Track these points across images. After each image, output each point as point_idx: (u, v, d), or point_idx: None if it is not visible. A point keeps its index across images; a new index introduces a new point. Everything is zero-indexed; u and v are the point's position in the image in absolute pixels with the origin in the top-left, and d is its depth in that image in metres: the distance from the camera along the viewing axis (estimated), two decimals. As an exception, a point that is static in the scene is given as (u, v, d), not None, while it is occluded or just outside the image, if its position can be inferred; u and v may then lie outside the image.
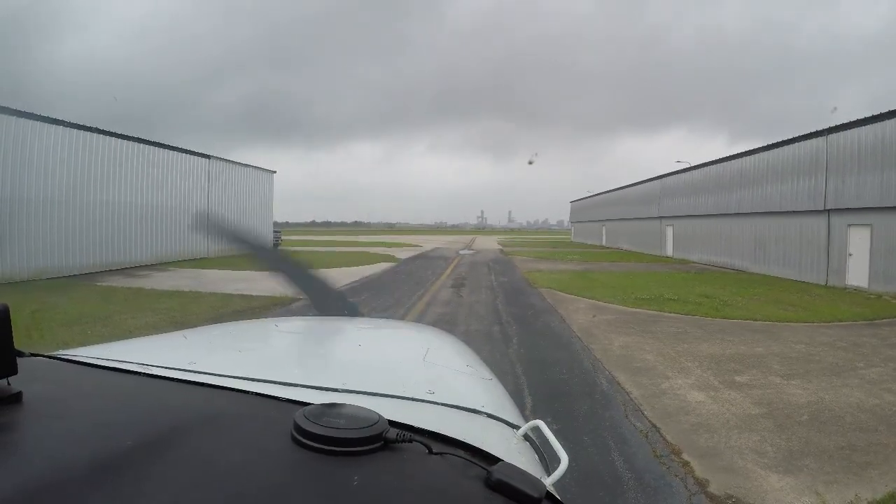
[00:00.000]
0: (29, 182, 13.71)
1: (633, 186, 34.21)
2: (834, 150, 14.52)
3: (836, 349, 6.89)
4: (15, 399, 0.66)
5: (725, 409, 4.65)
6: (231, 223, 2.08)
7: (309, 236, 43.61)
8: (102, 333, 7.10)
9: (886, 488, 3.24)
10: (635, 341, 7.33)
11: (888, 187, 12.63)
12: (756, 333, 7.89)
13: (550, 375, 5.72)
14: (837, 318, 9.22)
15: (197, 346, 1.33)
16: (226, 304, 10.02)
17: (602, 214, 42.77)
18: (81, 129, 15.67)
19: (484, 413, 0.93)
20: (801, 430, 4.17)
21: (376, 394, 0.89)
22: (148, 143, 19.02)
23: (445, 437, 0.71)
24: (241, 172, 25.83)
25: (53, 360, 0.94)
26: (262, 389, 0.82)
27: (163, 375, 0.87)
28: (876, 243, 13.05)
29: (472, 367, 1.33)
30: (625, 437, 4.05)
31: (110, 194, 16.83)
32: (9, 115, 13.15)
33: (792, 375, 5.66)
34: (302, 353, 1.33)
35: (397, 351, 1.49)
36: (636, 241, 32.65)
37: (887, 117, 12.78)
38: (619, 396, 5.01)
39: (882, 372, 5.82)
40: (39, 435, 0.61)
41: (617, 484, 3.33)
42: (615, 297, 11.63)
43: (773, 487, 3.27)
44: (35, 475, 0.50)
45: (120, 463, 0.54)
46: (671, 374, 5.71)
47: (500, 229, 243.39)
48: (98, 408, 0.72)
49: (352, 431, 0.62)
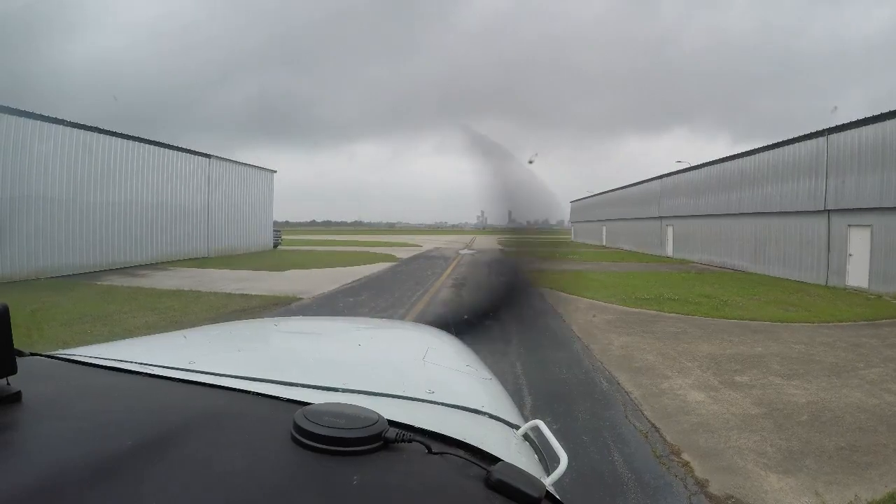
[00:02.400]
0: (29, 182, 13.71)
1: (633, 186, 34.19)
2: (834, 151, 14.51)
3: (835, 349, 6.89)
4: (14, 399, 0.66)
5: (725, 409, 4.65)
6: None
7: (309, 236, 43.64)
8: (102, 333, 7.10)
9: (886, 489, 3.24)
10: (635, 341, 7.33)
11: (888, 187, 12.62)
12: (756, 333, 7.89)
13: (550, 375, 5.72)
14: (837, 319, 9.21)
15: (197, 345, 1.33)
16: (226, 304, 10.01)
17: (602, 214, 42.76)
18: (81, 129, 15.67)
19: (484, 413, 0.93)
20: (801, 431, 4.17)
21: (376, 394, 0.89)
22: (148, 142, 19.01)
23: (445, 437, 0.71)
24: (242, 172, 25.83)
25: (53, 360, 0.94)
26: (262, 389, 0.82)
27: (163, 375, 0.87)
28: (876, 243, 13.05)
29: (472, 367, 1.33)
30: (624, 437, 4.05)
31: (110, 194, 16.82)
32: (9, 115, 13.16)
33: (792, 375, 5.66)
34: (302, 353, 1.33)
35: (397, 351, 1.49)
36: (636, 241, 32.64)
37: (887, 117, 12.77)
38: (619, 396, 5.01)
39: (882, 372, 5.81)
40: (39, 434, 0.61)
41: (617, 484, 3.33)
42: (615, 296, 11.62)
43: (773, 487, 3.27)
44: (34, 475, 0.50)
45: (120, 462, 0.54)
46: (671, 374, 5.71)
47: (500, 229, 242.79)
48: (98, 408, 0.72)
49: (352, 431, 0.62)
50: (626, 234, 35.21)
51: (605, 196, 42.46)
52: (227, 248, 23.87)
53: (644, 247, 30.86)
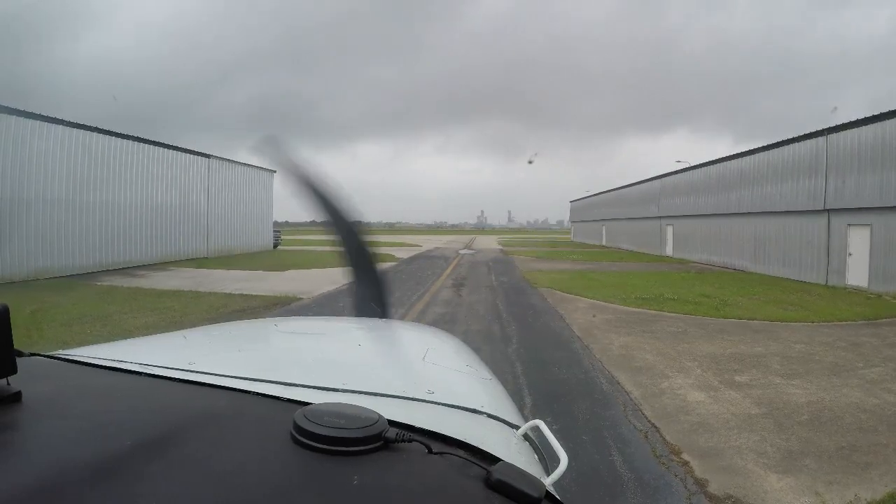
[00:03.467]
0: (29, 182, 13.71)
1: (633, 186, 34.20)
2: (834, 150, 14.52)
3: (835, 349, 6.89)
4: (14, 399, 0.66)
5: (725, 408, 4.65)
6: (305, 161, 1.65)
7: (309, 235, 43.63)
8: (102, 333, 7.10)
9: (886, 488, 3.24)
10: (635, 341, 7.33)
11: (888, 187, 12.63)
12: (756, 333, 7.89)
13: (550, 375, 5.72)
14: (837, 318, 9.22)
15: (197, 346, 1.32)
16: (226, 304, 10.01)
17: (602, 214, 42.77)
18: (81, 129, 15.67)
19: (484, 413, 0.93)
20: (801, 430, 4.17)
21: (376, 394, 0.89)
22: (148, 142, 19.02)
23: (445, 437, 0.71)
24: (241, 172, 25.83)
25: (53, 360, 0.94)
26: (262, 389, 0.82)
27: (163, 375, 0.87)
28: (876, 243, 13.05)
29: (472, 367, 1.32)
30: (624, 437, 4.05)
31: (110, 194, 16.83)
32: (9, 115, 13.16)
33: (792, 375, 5.66)
34: (302, 353, 1.33)
35: (397, 351, 1.49)
36: (636, 241, 32.65)
37: (887, 117, 12.78)
38: (619, 396, 5.01)
39: (882, 372, 5.82)
40: (39, 435, 0.61)
41: (616, 484, 3.33)
42: (615, 296, 11.63)
43: (773, 487, 3.27)
44: (34, 475, 0.50)
45: (120, 463, 0.54)
46: (671, 374, 5.71)
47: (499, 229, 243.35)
48: (98, 408, 0.72)
49: (352, 431, 0.62)
50: (626, 233, 35.22)
51: (605, 196, 42.46)
52: (227, 248, 23.88)
53: (644, 246, 30.87)
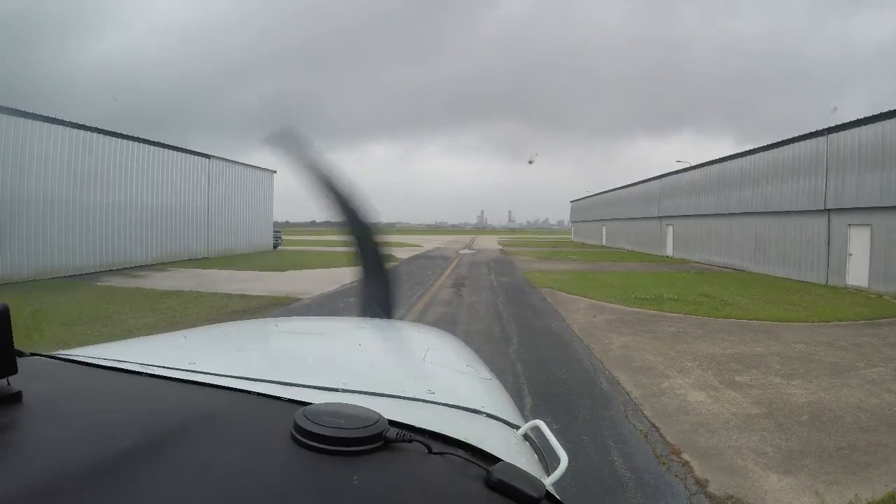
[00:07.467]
0: (29, 182, 13.71)
1: (633, 186, 34.20)
2: (834, 150, 14.51)
3: (836, 349, 6.89)
4: (15, 399, 0.66)
5: (725, 408, 4.65)
6: (320, 157, 1.55)
7: (309, 236, 43.63)
8: (102, 333, 7.10)
9: (886, 488, 3.24)
10: (635, 341, 7.33)
11: (888, 187, 12.63)
12: (756, 333, 7.89)
13: (550, 375, 5.71)
14: (837, 318, 9.21)
15: (197, 346, 1.32)
16: (226, 305, 10.01)
17: (602, 214, 42.77)
18: (81, 129, 15.67)
19: (484, 413, 0.93)
20: (801, 430, 4.17)
21: (376, 394, 0.89)
22: (148, 142, 19.01)
23: (445, 437, 0.71)
24: (241, 172, 25.83)
25: (53, 360, 0.94)
26: (262, 389, 0.82)
27: (163, 375, 0.87)
28: (876, 243, 13.05)
29: (472, 367, 1.32)
30: (624, 437, 4.05)
31: (110, 194, 16.82)
32: (9, 115, 13.16)
33: (792, 375, 5.66)
34: (302, 353, 1.33)
35: (397, 351, 1.49)
36: (636, 241, 32.65)
37: (887, 117, 12.78)
38: (619, 396, 5.01)
39: (882, 372, 5.81)
40: (39, 435, 0.61)
41: (616, 484, 3.33)
42: (615, 296, 11.63)
43: (773, 487, 3.27)
44: (35, 475, 0.50)
45: (120, 463, 0.54)
46: (671, 374, 5.71)
47: (500, 229, 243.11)
48: (98, 408, 0.72)
49: (352, 431, 0.62)
50: (627, 233, 35.22)
51: (606, 196, 42.45)
52: (227, 248, 23.86)
53: (644, 247, 30.86)
